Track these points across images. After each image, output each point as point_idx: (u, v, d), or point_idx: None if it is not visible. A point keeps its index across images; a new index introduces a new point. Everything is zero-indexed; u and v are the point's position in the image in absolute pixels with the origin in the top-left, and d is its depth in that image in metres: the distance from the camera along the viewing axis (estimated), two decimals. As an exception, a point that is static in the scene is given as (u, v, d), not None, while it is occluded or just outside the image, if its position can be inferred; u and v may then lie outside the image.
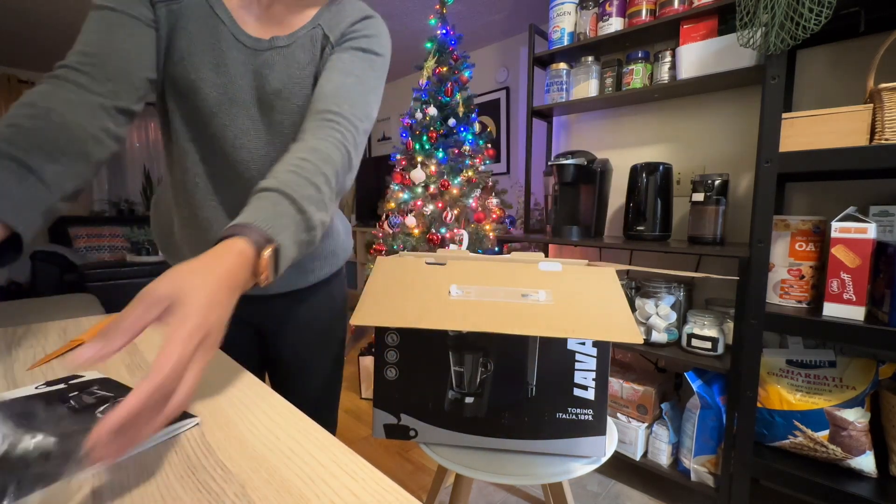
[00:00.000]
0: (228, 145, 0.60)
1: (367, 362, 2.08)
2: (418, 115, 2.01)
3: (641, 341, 0.55)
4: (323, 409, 0.88)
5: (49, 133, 0.45)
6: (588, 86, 1.62)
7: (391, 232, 2.01)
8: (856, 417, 1.03)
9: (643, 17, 1.45)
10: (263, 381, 0.83)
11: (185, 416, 0.42)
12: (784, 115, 1.04)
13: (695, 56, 1.34)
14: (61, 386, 0.48)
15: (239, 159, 0.61)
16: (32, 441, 0.35)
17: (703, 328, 1.28)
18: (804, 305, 1.12)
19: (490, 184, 2.11)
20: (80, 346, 0.31)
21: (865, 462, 1.03)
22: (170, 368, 0.30)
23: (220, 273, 0.37)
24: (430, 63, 2.03)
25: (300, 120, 0.59)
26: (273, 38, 0.59)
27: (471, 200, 1.95)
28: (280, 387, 0.85)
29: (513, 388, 0.69)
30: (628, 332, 0.56)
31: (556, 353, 0.68)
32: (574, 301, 0.63)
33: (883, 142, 0.93)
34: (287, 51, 0.59)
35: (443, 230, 1.91)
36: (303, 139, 0.53)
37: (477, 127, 2.07)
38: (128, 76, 0.52)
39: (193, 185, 0.62)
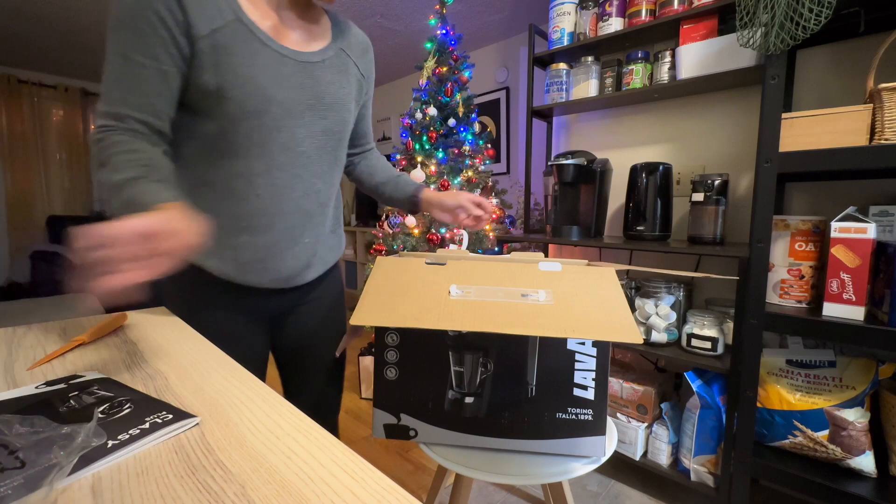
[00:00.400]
0: (292, 154, 0.66)
1: (367, 362, 2.08)
2: (418, 115, 2.01)
3: (641, 341, 0.55)
4: (324, 408, 0.89)
5: (163, 170, 0.54)
6: (588, 86, 1.62)
7: (391, 232, 2.01)
8: (855, 417, 1.03)
9: (643, 17, 1.45)
10: (265, 373, 0.84)
11: (185, 416, 0.42)
12: (784, 115, 1.04)
13: (695, 56, 1.34)
14: (61, 386, 0.48)
15: (300, 164, 0.68)
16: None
17: (703, 328, 1.28)
18: (804, 305, 1.12)
19: (490, 184, 2.11)
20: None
21: (865, 462, 1.03)
22: (483, 206, 0.86)
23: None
24: (430, 63, 2.03)
25: (343, 125, 0.72)
26: (307, 52, 0.66)
27: (471, 200, 1.95)
28: (286, 378, 0.89)
29: (513, 388, 0.69)
30: (628, 332, 0.56)
31: (556, 353, 0.68)
32: (574, 301, 0.63)
33: (883, 142, 0.93)
34: (323, 66, 0.68)
35: (443, 230, 1.91)
36: (374, 155, 0.93)
37: (477, 127, 2.07)
38: (166, 127, 0.60)
39: (255, 198, 0.66)
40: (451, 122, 1.99)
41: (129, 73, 0.54)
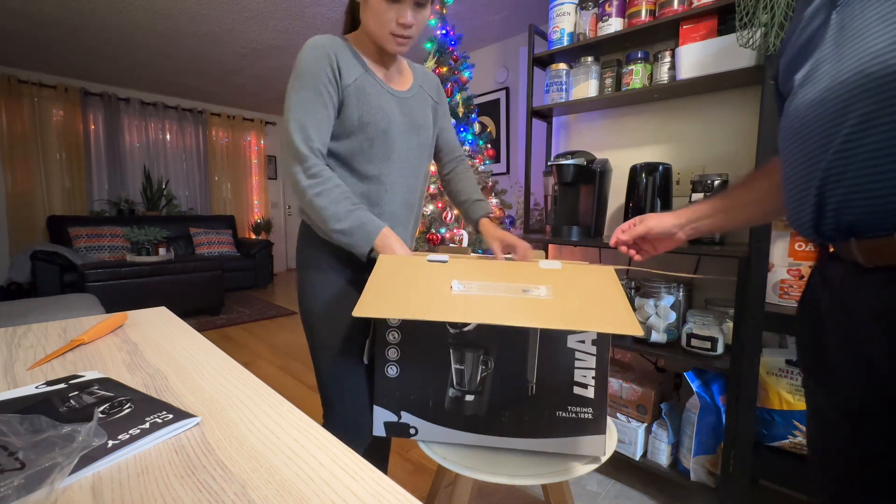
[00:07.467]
0: (402, 160, 0.90)
1: (367, 362, 2.08)
2: (418, 115, 2.01)
3: (641, 333, 0.54)
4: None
5: (355, 197, 0.82)
6: (588, 86, 1.62)
7: (391, 232, 2.00)
8: (855, 417, 1.03)
9: (643, 18, 1.45)
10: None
11: (186, 415, 0.42)
12: (784, 115, 1.04)
13: (694, 56, 1.34)
14: (61, 386, 0.48)
15: (406, 166, 0.91)
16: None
17: (703, 328, 1.28)
18: (804, 305, 1.12)
19: (490, 184, 2.11)
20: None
21: (865, 462, 1.03)
22: (517, 250, 0.88)
23: None
24: (430, 63, 2.03)
25: (428, 140, 0.95)
26: (403, 91, 0.91)
27: (471, 200, 1.95)
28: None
29: (513, 386, 0.69)
30: (628, 324, 0.56)
31: (556, 351, 0.68)
32: (574, 296, 0.63)
33: (882, 142, 0.93)
34: (413, 100, 0.92)
35: (443, 230, 1.91)
36: (463, 171, 1.06)
37: (477, 127, 2.08)
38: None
39: (383, 191, 0.88)
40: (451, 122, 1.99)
41: (314, 119, 0.78)
